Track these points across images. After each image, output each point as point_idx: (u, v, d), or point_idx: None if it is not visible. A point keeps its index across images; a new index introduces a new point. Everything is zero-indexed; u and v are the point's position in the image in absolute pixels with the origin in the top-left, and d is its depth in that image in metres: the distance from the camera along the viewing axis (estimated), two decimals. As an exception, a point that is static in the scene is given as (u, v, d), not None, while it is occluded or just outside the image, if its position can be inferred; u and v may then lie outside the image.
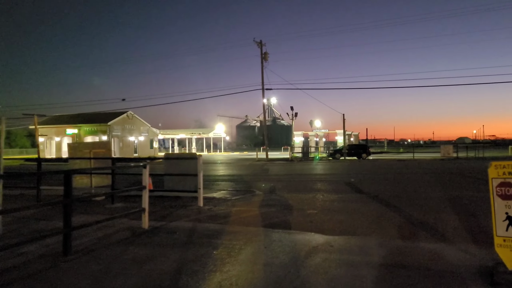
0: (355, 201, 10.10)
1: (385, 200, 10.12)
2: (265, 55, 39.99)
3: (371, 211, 8.59)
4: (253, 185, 14.98)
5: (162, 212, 9.05)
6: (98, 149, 11.18)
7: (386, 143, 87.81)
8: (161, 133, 71.17)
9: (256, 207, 9.50)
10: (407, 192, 11.75)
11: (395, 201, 10.00)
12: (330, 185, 14.11)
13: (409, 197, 10.61)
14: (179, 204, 10.19)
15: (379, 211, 8.58)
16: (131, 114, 58.66)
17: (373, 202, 9.84)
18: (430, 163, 27.72)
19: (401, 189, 12.70)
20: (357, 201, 10.18)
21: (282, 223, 7.55)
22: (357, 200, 10.37)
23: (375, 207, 9.16)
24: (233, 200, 10.76)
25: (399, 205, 9.30)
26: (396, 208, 8.93)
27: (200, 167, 9.68)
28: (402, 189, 12.55)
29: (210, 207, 9.63)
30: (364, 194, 11.38)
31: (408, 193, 11.63)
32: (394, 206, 9.20)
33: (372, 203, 9.70)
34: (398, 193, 11.65)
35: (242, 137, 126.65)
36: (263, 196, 11.42)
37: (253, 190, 12.82)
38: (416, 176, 17.25)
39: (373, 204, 9.54)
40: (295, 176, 19.27)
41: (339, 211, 8.71)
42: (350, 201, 10.21)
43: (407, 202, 9.84)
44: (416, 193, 11.49)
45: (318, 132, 69.68)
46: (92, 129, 56.03)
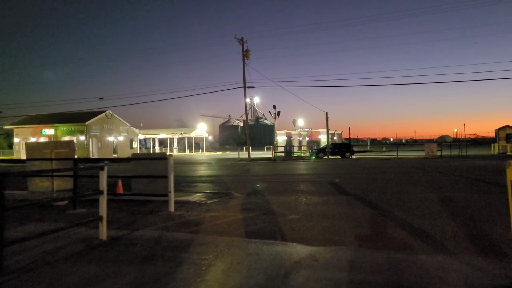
0: (340, 204, 9.30)
1: (373, 203, 9.35)
2: (247, 52, 39.12)
3: (359, 216, 7.79)
4: (232, 186, 14.09)
5: (127, 219, 8.09)
6: (60, 149, 10.14)
7: (369, 142, 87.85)
8: (142, 133, 69.64)
9: (232, 212, 8.61)
10: (396, 193, 11.02)
11: (384, 203, 9.23)
12: (314, 186, 13.31)
13: (399, 199, 9.86)
14: (148, 209, 9.24)
15: (367, 216, 7.79)
16: (110, 113, 57.08)
17: (361, 205, 9.05)
18: (415, 162, 27.25)
19: (389, 190, 11.97)
20: (343, 204, 9.38)
21: (260, 231, 6.68)
22: (342, 202, 9.57)
23: (363, 210, 8.37)
24: (209, 204, 9.85)
25: (389, 208, 8.53)
26: (386, 212, 8.15)
27: (171, 169, 8.75)
28: (390, 190, 11.82)
29: (181, 212, 8.71)
30: (350, 196, 10.59)
31: (397, 194, 10.89)
32: (384, 210, 8.42)
33: (359, 206, 8.91)
34: (386, 194, 10.90)
35: (225, 137, 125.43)
36: (242, 199, 10.55)
37: (232, 193, 11.93)
38: (402, 176, 16.61)
39: (360, 207, 8.75)
40: (277, 176, 18.44)
41: (324, 215, 7.88)
42: (335, 204, 9.40)
43: (397, 204, 9.08)
44: (405, 194, 10.76)
45: (301, 131, 69.18)
46: (69, 129, 54.30)
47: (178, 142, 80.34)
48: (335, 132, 67.41)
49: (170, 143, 76.98)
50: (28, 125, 56.17)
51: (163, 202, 9.97)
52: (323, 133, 61.95)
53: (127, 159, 9.91)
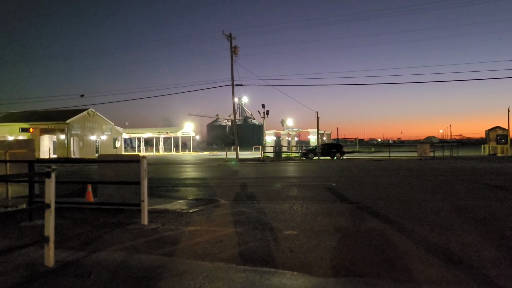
0: (343, 215, 8.01)
1: (381, 214, 8.07)
2: (235, 49, 37.74)
3: (370, 231, 6.50)
4: (219, 191, 12.73)
5: (89, 235, 6.69)
6: (16, 149, 8.67)
7: (357, 143, 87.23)
8: (126, 132, 67.72)
9: (217, 225, 7.26)
10: (405, 202, 9.77)
11: (394, 214, 7.96)
12: (309, 191, 12.01)
13: (410, 209, 8.61)
14: (118, 220, 7.84)
15: (379, 231, 6.50)
16: (92, 111, 55.21)
17: (368, 217, 7.77)
18: (410, 163, 26.19)
19: (394, 196, 10.73)
20: (347, 214, 8.09)
21: (251, 254, 5.34)
22: (346, 213, 8.27)
23: (373, 224, 7.08)
24: (190, 214, 8.48)
25: (402, 222, 7.25)
26: (399, 226, 6.88)
27: (144, 173, 7.36)
28: (396, 197, 10.58)
29: (156, 225, 7.32)
30: (353, 204, 9.30)
31: (406, 202, 9.65)
32: (396, 223, 7.15)
33: (366, 218, 7.62)
34: (393, 202, 9.65)
35: (212, 137, 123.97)
36: (229, 208, 9.20)
37: (217, 199, 10.57)
38: (404, 180, 15.41)
39: (368, 220, 7.46)
40: (267, 179, 17.11)
41: (327, 231, 6.58)
42: (337, 214, 8.10)
43: (408, 215, 7.82)
44: (415, 203, 9.52)
45: (290, 131, 68.03)
46: (49, 127, 52.32)
47: (165, 141, 78.62)
48: (325, 132, 66.43)
49: (156, 143, 75.17)
50: (5, 123, 53.98)
51: (138, 211, 8.59)
52: (312, 133, 60.89)
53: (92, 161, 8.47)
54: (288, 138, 68.87)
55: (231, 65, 37.50)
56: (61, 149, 51.53)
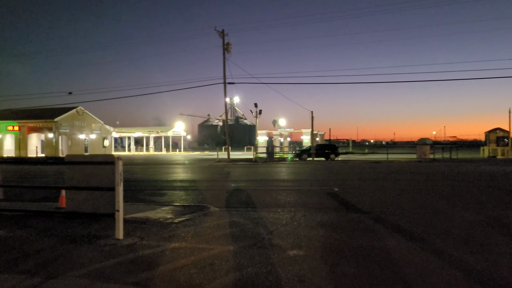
0: (355, 228, 6.83)
1: (399, 226, 6.92)
2: (227, 45, 36.49)
3: (393, 252, 5.33)
4: (209, 196, 11.52)
5: (51, 253, 5.46)
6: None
7: (351, 144, 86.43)
8: (116, 131, 66.17)
9: (207, 241, 6.05)
10: (421, 211, 8.64)
11: (414, 227, 6.80)
12: (309, 197, 10.84)
13: (431, 220, 7.46)
14: (89, 233, 6.60)
15: (405, 252, 5.32)
16: (81, 110, 53.62)
17: (385, 231, 6.59)
18: (411, 166, 25.16)
19: (407, 204, 9.59)
20: (358, 227, 6.91)
21: (250, 285, 4.15)
22: (356, 225, 7.10)
23: (393, 241, 5.89)
24: (175, 224, 7.26)
25: (427, 237, 6.10)
26: (427, 245, 5.71)
27: (120, 177, 6.13)
28: (410, 205, 9.44)
29: (133, 240, 6.10)
30: (363, 214, 8.12)
31: (423, 211, 8.52)
32: (421, 240, 5.99)
33: (383, 232, 6.45)
34: (408, 211, 8.51)
35: (204, 136, 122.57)
36: (220, 217, 7.99)
37: (207, 206, 9.36)
38: (411, 184, 14.30)
39: (385, 235, 6.29)
40: (261, 182, 15.92)
41: (341, 251, 5.39)
42: (347, 227, 6.92)
43: (434, 229, 6.67)
44: (435, 212, 8.39)
45: (282, 131, 67.00)
46: (37, 125, 50.68)
47: (155, 141, 77.09)
48: (318, 133, 65.47)
49: (147, 142, 73.64)
50: (-8, 121, 52.23)
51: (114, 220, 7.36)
52: (305, 134, 59.89)
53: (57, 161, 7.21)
54: (280, 139, 67.84)
55: (223, 62, 36.27)
56: (49, 148, 49.93)
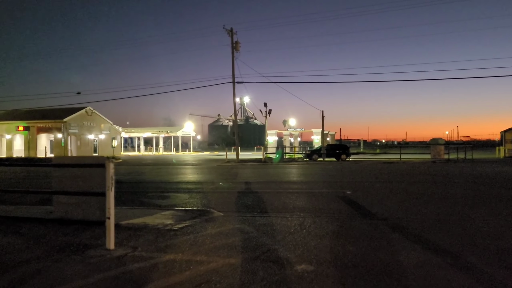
0: (372, 238, 6.15)
1: (421, 236, 6.22)
2: (236, 44, 35.97)
3: (418, 266, 4.66)
4: (213, 199, 10.93)
5: (34, 265, 4.91)
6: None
7: (362, 144, 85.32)
8: (125, 131, 66.10)
9: (206, 252, 5.44)
10: (443, 217, 7.94)
11: (438, 237, 6.10)
12: (320, 201, 10.18)
13: (456, 229, 6.76)
14: (80, 241, 6.04)
15: (430, 267, 4.66)
16: (90, 110, 53.51)
17: (405, 241, 5.91)
18: (426, 166, 24.31)
19: (427, 209, 8.88)
20: (375, 236, 6.24)
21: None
22: (373, 234, 6.43)
23: (416, 254, 5.21)
24: (174, 232, 6.67)
25: (454, 249, 5.40)
26: (456, 258, 5.03)
27: (111, 181, 5.56)
28: (429, 210, 8.73)
29: (125, 251, 5.52)
30: (378, 221, 7.44)
31: (445, 218, 7.82)
32: (449, 253, 5.29)
33: (404, 244, 5.76)
34: (430, 218, 7.81)
35: (214, 136, 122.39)
36: (223, 223, 7.38)
37: (211, 210, 8.77)
38: (429, 186, 13.54)
39: (408, 246, 5.60)
40: (269, 184, 15.28)
41: (356, 266, 4.74)
42: (363, 236, 6.25)
43: (460, 239, 5.97)
44: (459, 219, 7.69)
45: (292, 131, 66.25)
46: (46, 126, 50.73)
47: (165, 141, 76.99)
48: (329, 133, 64.55)
49: (156, 142, 73.53)
50: (3, 122, 52.38)
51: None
52: (316, 134, 59.04)
53: (45, 163, 6.66)
54: (290, 139, 67.11)
55: (232, 61, 35.75)
56: (58, 148, 49.90)
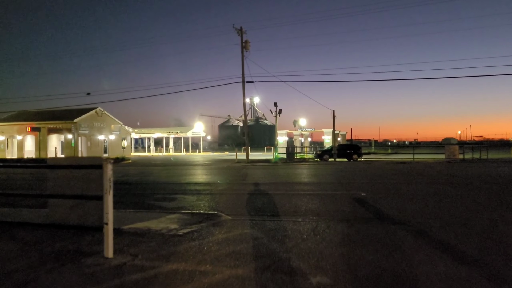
0: (392, 247, 5.64)
1: (446, 243, 5.71)
2: (246, 43, 35.58)
3: (447, 280, 4.16)
4: (223, 201, 10.51)
5: (26, 275, 4.52)
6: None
7: (373, 144, 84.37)
8: (135, 132, 66.05)
9: (211, 261, 4.99)
10: (468, 222, 7.40)
11: (465, 245, 5.57)
12: (334, 203, 9.68)
13: (484, 236, 6.22)
14: (77, 248, 5.65)
15: (461, 281, 4.16)
16: (100, 110, 53.55)
17: (429, 249, 5.40)
18: (441, 167, 23.61)
19: (449, 213, 8.34)
20: (395, 245, 5.73)
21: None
22: (393, 241, 5.92)
23: (444, 265, 4.70)
24: (178, 238, 6.25)
25: (487, 260, 4.88)
26: (489, 270, 4.52)
27: (109, 184, 5.16)
28: (452, 214, 8.18)
29: (125, 259, 5.10)
30: (397, 226, 6.93)
31: (470, 224, 7.27)
32: (481, 264, 4.78)
33: (428, 253, 5.26)
34: (452, 222, 7.27)
35: (224, 137, 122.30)
36: (231, 227, 6.94)
37: (218, 213, 8.33)
38: (446, 187, 12.96)
39: (432, 256, 5.10)
40: (280, 185, 14.81)
41: (378, 279, 4.26)
42: (383, 245, 5.74)
43: (490, 248, 5.45)
44: (487, 225, 7.15)
45: (303, 131, 65.71)
46: (57, 126, 50.83)
47: (175, 142, 76.83)
48: (339, 133, 63.82)
49: (166, 143, 73.44)
50: (14, 122, 52.68)
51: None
52: (327, 134, 58.44)
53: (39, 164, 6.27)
54: (301, 139, 66.56)
55: (242, 60, 35.34)
56: (68, 149, 50.00)
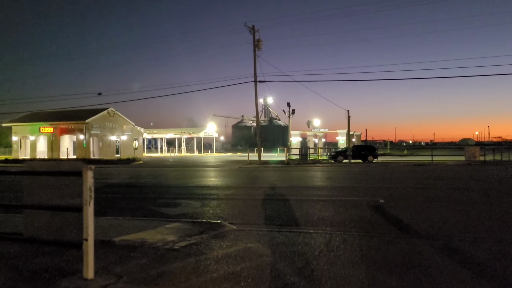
0: (421, 269, 4.81)
1: (486, 266, 4.86)
2: (258, 42, 34.81)
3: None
4: (228, 207, 9.77)
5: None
6: None
7: (389, 144, 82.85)
8: (148, 133, 65.83)
9: (204, 285, 4.24)
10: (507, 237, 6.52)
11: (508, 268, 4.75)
12: (349, 212, 8.84)
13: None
14: (59, 264, 4.96)
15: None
16: (112, 111, 53.32)
17: (465, 272, 4.54)
18: (462, 169, 22.51)
19: (481, 225, 7.45)
20: (423, 266, 4.88)
21: None
22: (420, 261, 5.07)
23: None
24: (173, 253, 5.51)
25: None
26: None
27: (89, 194, 4.44)
28: (484, 226, 7.31)
29: (106, 281, 4.38)
30: (423, 241, 6.07)
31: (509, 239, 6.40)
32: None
33: (465, 278, 4.42)
34: (487, 237, 6.41)
35: (237, 137, 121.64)
36: (234, 240, 6.18)
37: (222, 223, 7.58)
38: (473, 193, 12.00)
39: (471, 281, 4.27)
40: (291, 189, 14.00)
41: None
42: (409, 266, 4.91)
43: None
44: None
45: (317, 132, 64.62)
46: (69, 127, 50.80)
47: (188, 142, 76.50)
48: (354, 133, 62.56)
49: (179, 143, 73.10)
50: (27, 123, 52.86)
51: (99, 244, 5.73)
52: (341, 134, 57.29)
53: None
54: (315, 139, 65.51)
55: (254, 60, 34.58)
56: (80, 149, 49.91)
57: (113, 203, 11.10)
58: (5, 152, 65.01)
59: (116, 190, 14.29)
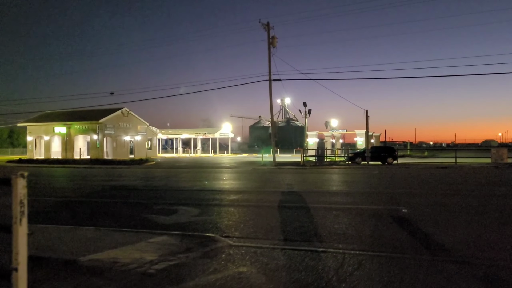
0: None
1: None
2: (273, 39, 33.63)
3: None
4: (229, 215, 8.65)
5: None
6: None
7: (409, 146, 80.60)
8: (162, 133, 65.26)
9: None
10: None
11: None
12: (367, 224, 7.60)
13: None
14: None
15: None
16: (126, 111, 52.86)
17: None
18: (491, 173, 20.90)
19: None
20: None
21: None
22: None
23: None
24: (147, 279, 4.41)
25: None
26: None
27: (20, 209, 3.37)
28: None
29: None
30: (461, 266, 4.83)
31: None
32: None
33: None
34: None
35: (254, 138, 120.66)
36: (225, 262, 5.04)
37: (216, 237, 6.45)
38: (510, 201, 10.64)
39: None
40: (304, 194, 12.78)
41: None
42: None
43: None
44: None
45: (334, 132, 63.06)
46: (83, 127, 50.49)
47: (204, 143, 75.87)
48: (373, 134, 60.78)
49: (194, 144, 72.43)
50: (41, 123, 52.80)
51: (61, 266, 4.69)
52: (359, 135, 55.64)
53: None
54: (332, 140, 64.00)
55: (269, 57, 33.43)
56: (94, 149, 49.55)
57: (106, 209, 10.13)
58: (23, 152, 65.45)
59: (114, 194, 13.35)
